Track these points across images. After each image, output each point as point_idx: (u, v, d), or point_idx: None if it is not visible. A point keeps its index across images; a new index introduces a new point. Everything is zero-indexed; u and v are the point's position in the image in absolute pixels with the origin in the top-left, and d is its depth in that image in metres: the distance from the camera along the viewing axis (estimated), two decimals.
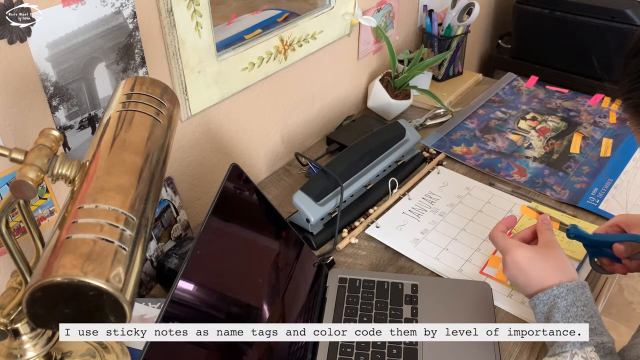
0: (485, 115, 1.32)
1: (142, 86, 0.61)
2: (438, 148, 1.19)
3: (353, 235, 0.97)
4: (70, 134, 0.77)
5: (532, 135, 1.23)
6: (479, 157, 1.17)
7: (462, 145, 1.20)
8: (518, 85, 1.44)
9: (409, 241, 0.96)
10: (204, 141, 0.99)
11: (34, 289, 0.43)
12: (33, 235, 0.62)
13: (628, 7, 1.58)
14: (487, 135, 1.24)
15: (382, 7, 1.29)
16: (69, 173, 0.53)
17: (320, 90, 1.23)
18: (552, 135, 1.23)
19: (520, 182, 1.09)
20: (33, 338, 0.65)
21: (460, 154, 1.17)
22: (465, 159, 1.16)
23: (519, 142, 1.21)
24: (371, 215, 1.02)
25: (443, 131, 1.25)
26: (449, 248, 0.95)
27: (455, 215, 1.01)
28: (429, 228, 0.99)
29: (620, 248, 0.76)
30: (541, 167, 1.13)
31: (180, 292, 0.59)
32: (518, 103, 1.36)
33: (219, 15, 0.93)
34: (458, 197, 1.06)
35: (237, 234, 0.75)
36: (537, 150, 1.18)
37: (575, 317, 0.68)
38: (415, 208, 1.03)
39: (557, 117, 1.30)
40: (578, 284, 0.70)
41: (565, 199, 1.04)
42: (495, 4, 1.92)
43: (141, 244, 0.49)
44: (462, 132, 1.25)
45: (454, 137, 1.24)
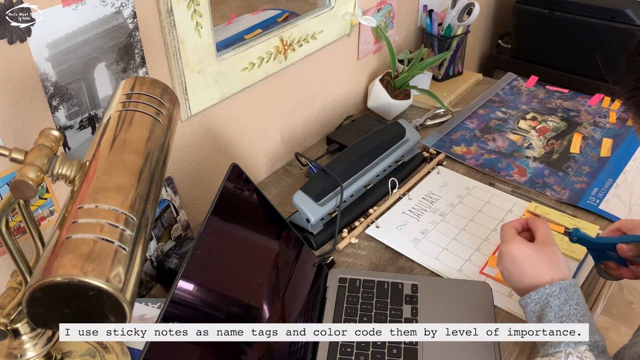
0: (485, 115, 1.32)
1: (142, 86, 0.61)
2: (438, 148, 1.19)
3: (353, 235, 0.97)
4: (70, 134, 0.77)
5: (532, 135, 1.23)
6: (479, 157, 1.17)
7: (462, 145, 1.20)
8: (518, 85, 1.44)
9: (409, 241, 0.96)
10: (204, 141, 0.99)
11: (34, 289, 0.43)
12: (33, 235, 0.62)
13: (628, 7, 1.58)
14: (487, 135, 1.24)
15: (382, 7, 1.29)
16: (69, 173, 0.53)
17: (320, 90, 1.23)
18: (552, 135, 1.23)
19: (520, 182, 1.09)
20: (33, 338, 0.65)
21: (460, 154, 1.17)
22: (465, 159, 1.16)
23: (519, 142, 1.21)
24: (371, 215, 1.02)
25: (443, 131, 1.25)
26: (449, 248, 0.95)
27: (455, 215, 1.01)
28: (429, 228, 0.99)
29: (624, 247, 0.76)
30: (541, 167, 1.13)
31: (180, 292, 0.59)
32: (518, 103, 1.36)
33: (219, 15, 0.93)
34: (458, 197, 1.06)
35: (237, 234, 0.75)
36: (537, 150, 1.18)
37: (568, 315, 0.68)
38: (415, 208, 1.03)
39: (557, 117, 1.30)
40: (570, 282, 0.70)
41: (565, 199, 1.04)
42: (495, 4, 1.92)
43: (141, 244, 0.49)
44: (462, 132, 1.25)
45: (454, 137, 1.23)
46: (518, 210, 1.02)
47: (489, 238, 0.96)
